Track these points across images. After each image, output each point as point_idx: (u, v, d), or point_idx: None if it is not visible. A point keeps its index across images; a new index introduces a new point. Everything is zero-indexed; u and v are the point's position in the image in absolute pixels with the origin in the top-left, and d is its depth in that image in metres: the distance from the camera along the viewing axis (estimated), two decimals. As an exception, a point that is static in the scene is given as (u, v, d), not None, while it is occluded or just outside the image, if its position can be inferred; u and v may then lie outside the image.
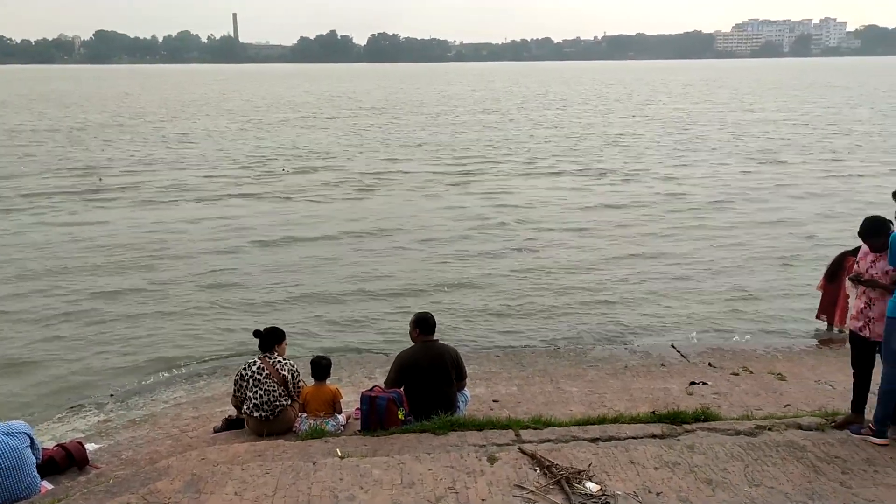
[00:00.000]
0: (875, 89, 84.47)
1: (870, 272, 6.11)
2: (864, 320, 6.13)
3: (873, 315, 6.07)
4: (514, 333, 11.81)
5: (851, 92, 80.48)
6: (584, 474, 5.47)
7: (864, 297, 6.15)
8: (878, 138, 37.65)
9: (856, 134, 39.56)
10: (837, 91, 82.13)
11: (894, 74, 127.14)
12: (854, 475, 5.46)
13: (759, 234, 17.85)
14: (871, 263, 6.13)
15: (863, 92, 79.90)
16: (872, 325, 6.07)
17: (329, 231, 18.55)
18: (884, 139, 37.17)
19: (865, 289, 6.12)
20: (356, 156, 32.61)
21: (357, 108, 64.97)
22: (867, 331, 6.13)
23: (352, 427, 7.18)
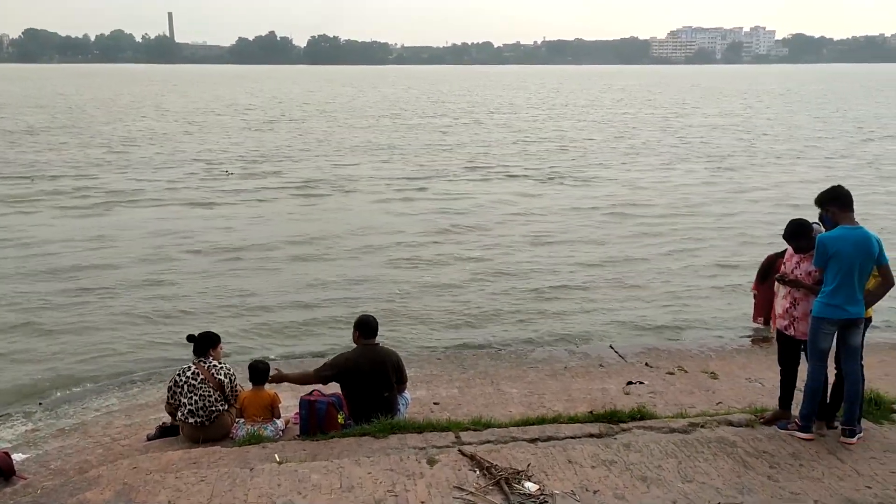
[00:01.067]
0: (808, 95, 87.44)
1: (794, 273, 6.33)
2: (790, 319, 6.35)
3: (798, 314, 6.28)
4: (455, 336, 11.84)
5: (787, 98, 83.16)
6: (523, 474, 5.53)
7: (789, 297, 6.36)
8: (818, 143, 38.80)
9: (797, 139, 40.73)
10: (775, 97, 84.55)
11: (824, 82, 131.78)
12: (781, 469, 5.65)
13: (700, 237, 18.26)
14: (795, 264, 6.35)
15: (799, 98, 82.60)
16: (797, 324, 6.29)
17: (272, 236, 18.29)
18: (823, 144, 38.32)
19: (790, 289, 6.34)
20: (303, 159, 32.21)
21: (303, 110, 64.26)
22: (792, 329, 6.34)
23: (291, 432, 7.10)
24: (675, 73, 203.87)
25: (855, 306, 5.92)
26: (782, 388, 6.59)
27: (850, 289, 5.90)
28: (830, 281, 5.93)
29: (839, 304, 5.90)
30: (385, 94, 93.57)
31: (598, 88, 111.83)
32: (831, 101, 77.21)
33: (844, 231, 5.93)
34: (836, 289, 5.89)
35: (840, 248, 5.86)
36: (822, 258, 5.96)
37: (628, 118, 56.66)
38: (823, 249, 5.94)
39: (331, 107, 68.98)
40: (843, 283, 5.88)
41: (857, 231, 5.92)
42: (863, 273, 5.93)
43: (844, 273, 5.87)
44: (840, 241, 5.89)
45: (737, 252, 16.73)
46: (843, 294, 5.89)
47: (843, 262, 5.86)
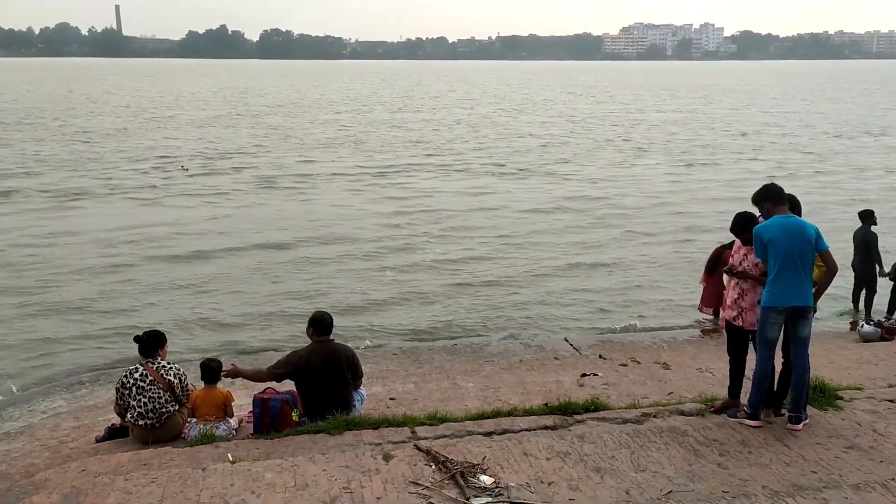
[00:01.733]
0: (761, 92, 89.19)
1: (742, 265, 6.46)
2: (738, 310, 6.48)
3: (745, 305, 6.41)
4: (412, 331, 11.84)
5: (740, 94, 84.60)
6: (479, 468, 5.55)
7: (736, 288, 6.49)
8: (773, 139, 39.52)
9: (752, 135, 41.43)
10: (728, 94, 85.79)
11: (774, 78, 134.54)
12: (731, 457, 5.76)
13: (653, 231, 18.52)
14: (743, 256, 6.48)
15: (752, 95, 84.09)
16: (745, 314, 6.42)
17: (229, 232, 18.05)
18: (777, 139, 39.11)
19: (738, 280, 6.47)
20: (263, 154, 31.73)
21: (262, 105, 63.29)
22: (740, 320, 6.47)
23: (244, 431, 7.00)
24: (628, 69, 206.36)
25: (800, 294, 6.04)
26: (731, 378, 6.73)
27: (792, 275, 6.01)
28: (772, 269, 6.07)
29: (781, 291, 6.03)
30: (344, 89, 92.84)
31: (558, 84, 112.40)
32: (788, 97, 78.84)
33: (777, 219, 6.10)
34: (776, 276, 6.04)
35: (773, 235, 6.03)
36: (761, 248, 6.12)
37: (588, 113, 57.11)
38: (759, 240, 6.12)
39: (291, 102, 68.09)
40: (782, 270, 6.01)
41: (789, 219, 6.09)
42: (804, 260, 6.04)
43: (782, 260, 6.01)
44: (772, 229, 6.06)
45: (689, 244, 17.02)
46: (784, 281, 6.02)
47: (779, 249, 6.01)
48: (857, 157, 32.59)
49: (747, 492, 5.14)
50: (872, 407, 6.75)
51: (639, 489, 5.26)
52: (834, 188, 24.57)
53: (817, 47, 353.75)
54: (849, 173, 27.98)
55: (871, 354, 9.77)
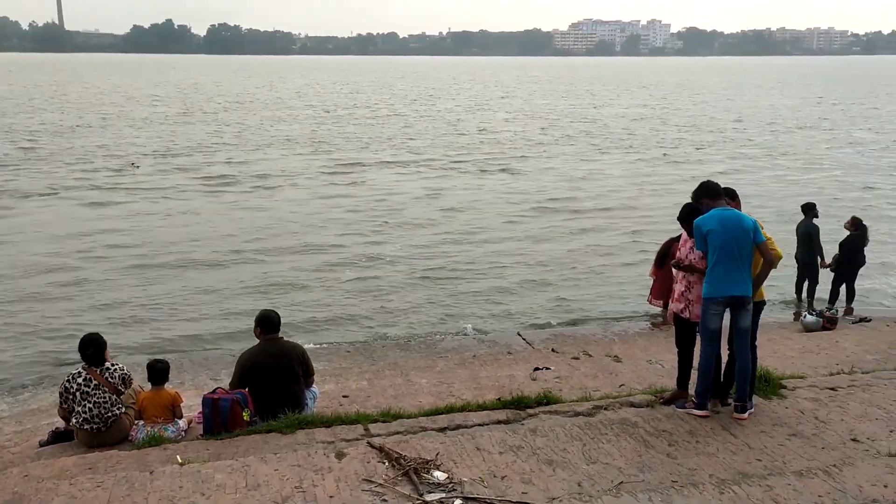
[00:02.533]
0: (711, 88, 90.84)
1: (689, 257, 6.58)
2: (685, 303, 6.59)
3: (692, 297, 6.53)
4: (366, 328, 11.79)
5: (694, 90, 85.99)
6: (432, 464, 5.54)
7: (683, 280, 6.61)
8: (728, 134, 40.15)
9: (705, 130, 41.99)
10: (681, 90, 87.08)
11: (721, 74, 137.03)
12: (679, 446, 5.86)
13: (606, 226, 18.74)
14: (689, 249, 6.59)
15: (705, 90, 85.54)
16: (692, 306, 6.54)
17: (180, 232, 17.72)
18: (733, 135, 39.74)
19: (685, 273, 6.58)
20: (217, 152, 31.07)
21: (215, 101, 62.07)
22: (687, 312, 6.59)
23: (194, 432, 6.88)
24: (579, 65, 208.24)
25: (737, 284, 6.17)
26: (680, 369, 6.84)
27: (730, 266, 6.14)
28: (710, 260, 6.21)
29: (719, 280, 6.16)
30: (298, 85, 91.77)
31: (513, 79, 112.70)
32: (740, 92, 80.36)
33: (715, 212, 6.25)
34: (714, 266, 6.18)
35: (711, 226, 6.18)
36: (700, 240, 6.27)
37: (548, 109, 57.36)
38: (699, 231, 6.27)
39: (244, 98, 66.90)
40: (720, 261, 6.15)
41: (727, 211, 6.24)
42: (742, 251, 6.17)
43: (720, 251, 6.14)
44: (710, 221, 6.21)
45: (641, 237, 17.26)
46: (722, 271, 6.15)
47: (716, 239, 6.15)
48: (811, 149, 33.38)
49: (695, 481, 5.24)
50: (814, 395, 6.93)
51: (590, 481, 5.32)
52: (785, 181, 25.13)
53: (760, 44, 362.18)
54: (801, 166, 28.63)
55: (814, 344, 10.05)
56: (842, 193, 22.60)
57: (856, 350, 9.58)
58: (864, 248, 11.99)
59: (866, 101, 66.27)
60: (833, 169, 27.97)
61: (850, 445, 5.88)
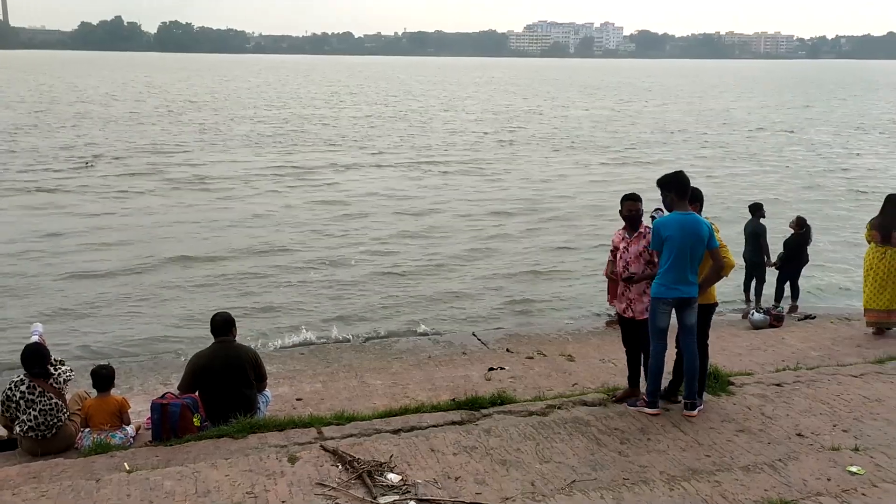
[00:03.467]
0: (672, 89, 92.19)
1: (623, 257, 6.64)
2: (626, 302, 6.68)
3: (632, 296, 6.63)
4: (320, 330, 11.68)
5: (652, 91, 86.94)
6: (386, 466, 5.52)
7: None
8: (691, 135, 40.60)
9: (667, 131, 42.38)
10: (640, 91, 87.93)
11: (678, 77, 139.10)
12: (631, 444, 5.94)
13: (565, 225, 18.88)
14: (624, 248, 6.68)
15: (662, 91, 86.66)
16: (633, 305, 6.63)
17: (130, 227, 17.45)
18: (694, 137, 40.24)
19: (624, 272, 6.64)
20: (177, 153, 30.39)
21: (170, 100, 60.82)
22: (630, 311, 6.68)
23: (143, 438, 6.75)
24: (535, 66, 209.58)
25: (687, 286, 6.30)
26: (630, 368, 6.94)
27: (682, 270, 6.26)
28: (664, 263, 6.30)
29: (671, 283, 6.27)
30: (256, 84, 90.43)
31: (471, 80, 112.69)
32: (696, 94, 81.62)
33: (677, 216, 6.32)
34: (668, 270, 6.27)
35: (671, 232, 6.26)
36: (657, 242, 6.34)
37: (512, 110, 57.44)
38: (658, 234, 6.33)
39: (203, 97, 65.57)
40: (674, 265, 6.25)
41: (688, 216, 6.32)
42: (694, 256, 6.30)
43: (676, 255, 6.25)
44: (671, 227, 6.28)
45: (596, 238, 17.42)
46: (675, 275, 6.26)
47: (674, 245, 6.24)
48: (769, 150, 34.04)
49: (646, 478, 5.31)
50: (761, 391, 7.09)
51: (543, 480, 5.35)
52: (744, 180, 25.64)
53: (710, 47, 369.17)
54: (761, 168, 29.18)
55: (761, 341, 10.27)
56: (792, 193, 23.15)
57: (801, 347, 9.82)
58: (807, 247, 12.30)
59: (821, 103, 67.95)
60: (788, 169, 28.58)
61: (795, 440, 6.03)
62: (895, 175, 26.99)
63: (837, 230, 18.32)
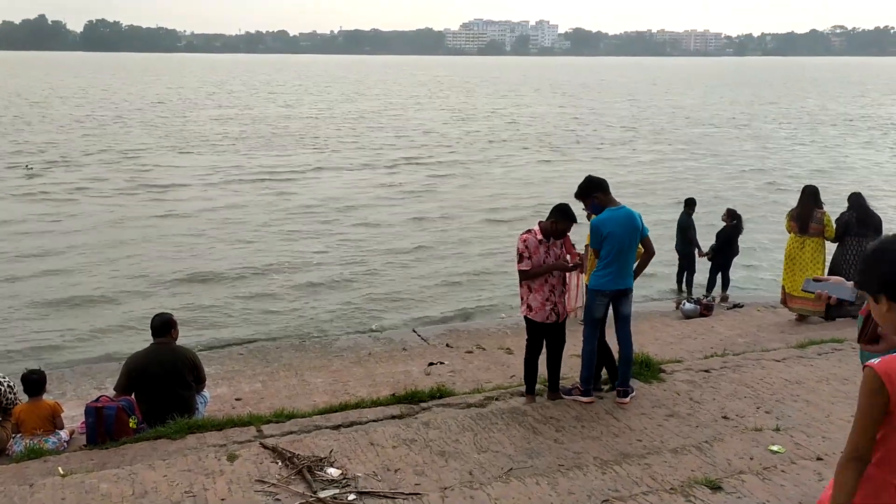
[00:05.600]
0: (613, 86, 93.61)
1: (546, 260, 6.58)
2: (550, 306, 6.63)
3: (556, 298, 6.65)
4: (258, 329, 11.61)
5: (597, 89, 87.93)
6: (326, 461, 5.56)
7: (546, 286, 6.64)
8: (640, 132, 40.92)
9: (628, 128, 43.06)
10: (587, 89, 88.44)
11: (617, 74, 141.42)
12: (566, 432, 6.11)
13: (510, 219, 19.00)
14: (546, 252, 6.59)
15: (609, 89, 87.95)
16: (558, 307, 6.66)
17: (69, 231, 17.06)
18: (644, 133, 40.91)
19: (548, 278, 6.61)
20: (125, 155, 29.40)
21: (110, 101, 58.95)
22: (553, 315, 6.66)
23: (77, 443, 6.64)
24: (473, 64, 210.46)
25: (625, 278, 6.54)
26: (552, 371, 7.06)
27: (622, 264, 6.50)
28: (605, 256, 6.48)
29: (612, 276, 6.48)
30: (188, 84, 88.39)
31: (415, 79, 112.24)
32: (641, 91, 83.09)
33: (612, 213, 6.52)
34: (609, 263, 6.47)
35: (612, 229, 6.44)
36: (597, 240, 6.51)
37: (470, 108, 57.35)
38: (598, 232, 6.49)
39: (144, 97, 63.59)
40: (614, 259, 6.46)
41: (622, 210, 6.53)
42: (632, 247, 6.55)
43: (617, 250, 6.45)
44: (611, 223, 6.46)
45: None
46: (616, 268, 6.48)
47: (614, 241, 6.44)
48: (718, 145, 34.89)
49: (580, 463, 5.48)
50: (690, 377, 7.36)
51: (481, 469, 5.48)
52: (692, 172, 26.29)
53: (642, 44, 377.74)
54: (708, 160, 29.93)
55: (691, 330, 10.63)
56: (742, 187, 23.71)
57: (729, 334, 10.19)
58: (738, 239, 12.75)
59: (762, 98, 70.06)
60: (740, 163, 29.21)
61: (721, 423, 6.29)
62: (817, 168, 27.98)
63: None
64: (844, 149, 34.01)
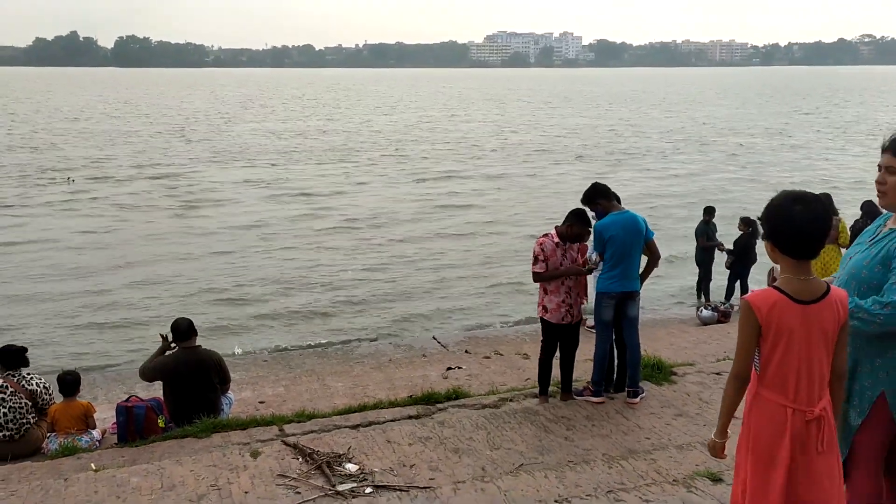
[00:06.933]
0: (660, 97, 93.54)
1: (563, 264, 6.77)
2: (566, 307, 6.82)
3: (572, 301, 6.84)
4: (283, 336, 11.95)
5: (642, 100, 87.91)
6: (344, 457, 5.80)
7: (562, 288, 6.84)
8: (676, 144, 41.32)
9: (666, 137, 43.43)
10: (628, 100, 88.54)
11: (648, 84, 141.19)
12: (576, 430, 6.30)
13: (526, 230, 19.22)
14: (562, 255, 6.77)
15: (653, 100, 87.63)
16: (573, 309, 6.85)
17: (98, 244, 17.58)
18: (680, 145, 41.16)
19: (564, 281, 6.81)
20: (148, 165, 30.37)
21: (163, 116, 60.11)
22: (569, 317, 6.85)
23: (109, 442, 6.96)
24: (499, 76, 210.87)
25: (630, 281, 6.72)
26: (565, 372, 7.23)
27: (627, 266, 6.68)
28: (609, 260, 6.68)
29: (618, 279, 6.67)
30: (221, 97, 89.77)
31: (448, 91, 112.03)
32: (673, 102, 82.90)
33: (615, 216, 6.72)
34: (614, 266, 6.66)
35: (614, 232, 6.64)
36: (600, 243, 6.71)
37: (502, 119, 57.72)
38: (600, 236, 6.70)
39: (179, 113, 64.89)
40: (619, 262, 6.65)
41: (625, 214, 6.73)
42: (636, 250, 6.73)
43: (620, 253, 6.65)
44: (613, 227, 6.66)
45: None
46: (621, 271, 6.67)
47: (617, 244, 6.64)
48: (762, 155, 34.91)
49: (588, 459, 5.66)
50: (701, 379, 7.50)
51: (493, 465, 5.68)
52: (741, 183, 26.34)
53: (667, 55, 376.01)
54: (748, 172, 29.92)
55: (707, 335, 10.74)
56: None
57: (744, 339, 10.26)
58: (755, 246, 12.81)
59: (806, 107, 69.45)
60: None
61: (729, 421, 6.42)
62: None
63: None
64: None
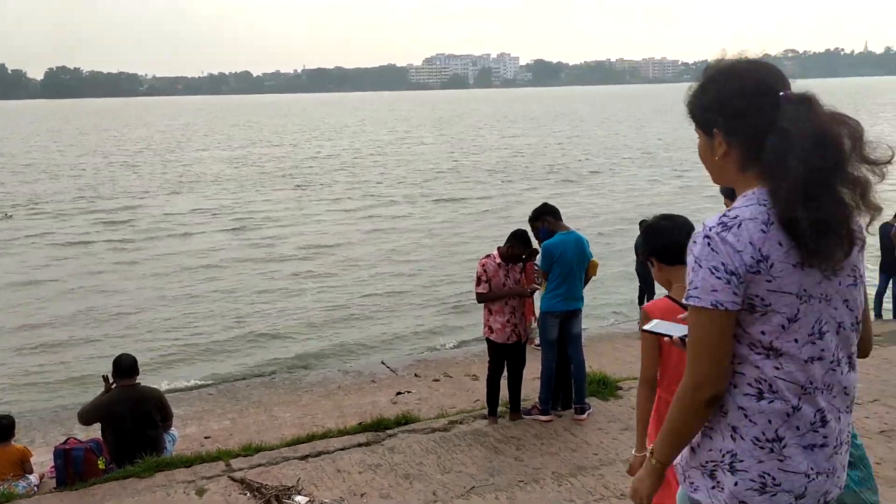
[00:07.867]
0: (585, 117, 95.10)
1: (507, 284, 6.90)
2: (511, 327, 6.94)
3: (517, 320, 6.97)
4: (228, 368, 11.73)
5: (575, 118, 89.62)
6: (294, 489, 5.72)
7: (507, 308, 6.93)
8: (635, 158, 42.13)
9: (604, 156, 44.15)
10: (573, 120, 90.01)
11: (585, 104, 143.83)
12: (526, 450, 6.33)
13: (475, 251, 19.31)
14: (505, 275, 6.90)
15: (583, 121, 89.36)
16: (519, 327, 6.97)
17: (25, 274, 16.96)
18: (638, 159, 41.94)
19: (508, 300, 6.92)
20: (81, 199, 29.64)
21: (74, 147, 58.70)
22: (514, 336, 6.97)
23: (47, 486, 6.71)
24: (438, 98, 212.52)
25: (575, 300, 6.84)
26: (513, 391, 7.30)
27: (571, 285, 6.80)
28: (555, 279, 6.78)
29: (563, 298, 6.77)
30: (155, 128, 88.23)
31: (392, 117, 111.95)
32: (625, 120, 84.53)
33: (563, 236, 6.83)
34: (559, 285, 6.76)
35: (563, 251, 6.75)
36: (547, 261, 6.80)
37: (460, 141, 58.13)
38: (549, 255, 6.79)
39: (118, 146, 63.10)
40: (565, 281, 6.76)
41: (571, 235, 6.85)
42: (580, 270, 6.87)
43: (567, 273, 6.75)
44: (561, 246, 6.78)
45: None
46: (566, 290, 6.78)
47: (565, 263, 6.75)
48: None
49: (538, 478, 5.70)
50: (646, 392, 7.62)
51: (444, 489, 5.67)
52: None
53: (602, 73, 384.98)
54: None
55: (651, 348, 10.90)
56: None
57: (687, 350, 10.47)
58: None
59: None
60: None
61: (673, 433, 6.54)
62: None
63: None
64: None
